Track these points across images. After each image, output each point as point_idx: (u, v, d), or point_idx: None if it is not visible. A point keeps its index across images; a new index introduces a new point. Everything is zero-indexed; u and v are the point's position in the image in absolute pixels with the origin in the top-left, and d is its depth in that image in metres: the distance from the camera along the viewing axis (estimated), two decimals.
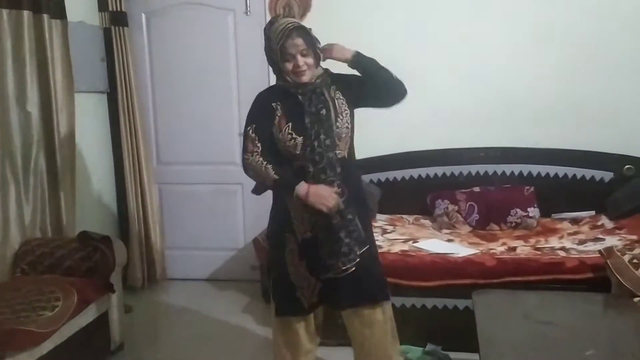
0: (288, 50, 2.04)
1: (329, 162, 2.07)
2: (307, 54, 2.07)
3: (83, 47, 3.59)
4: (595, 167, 3.57)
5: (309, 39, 2.07)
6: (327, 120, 2.08)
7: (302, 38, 2.04)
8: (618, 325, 2.13)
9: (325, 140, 2.07)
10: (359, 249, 2.12)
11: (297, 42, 2.04)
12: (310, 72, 2.09)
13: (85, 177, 3.66)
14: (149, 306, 3.78)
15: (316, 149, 2.06)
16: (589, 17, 3.54)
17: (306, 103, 2.09)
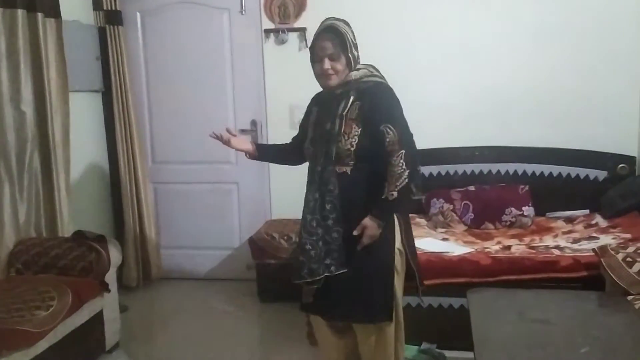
0: (316, 52, 2.04)
1: (320, 176, 2.06)
2: (336, 58, 2.02)
3: (78, 46, 3.58)
4: (589, 166, 3.58)
5: (339, 41, 2.01)
6: (328, 134, 2.06)
7: (331, 41, 2.01)
8: (612, 323, 2.14)
9: (322, 154, 2.07)
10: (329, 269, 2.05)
11: (324, 45, 2.02)
12: (337, 78, 2.04)
13: (80, 176, 3.65)
14: (144, 305, 3.77)
15: (311, 162, 2.14)
16: (582, 16, 3.55)
17: (318, 115, 2.15)
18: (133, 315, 3.55)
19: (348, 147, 2.04)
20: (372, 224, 2.04)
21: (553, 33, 3.59)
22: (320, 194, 2.07)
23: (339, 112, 2.05)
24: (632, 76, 3.54)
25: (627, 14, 3.50)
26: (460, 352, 2.62)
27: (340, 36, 2.02)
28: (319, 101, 2.23)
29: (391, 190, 2.01)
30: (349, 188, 2.08)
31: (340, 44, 2.02)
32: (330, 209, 2.06)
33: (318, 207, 2.07)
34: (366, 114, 2.04)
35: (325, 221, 2.06)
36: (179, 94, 3.98)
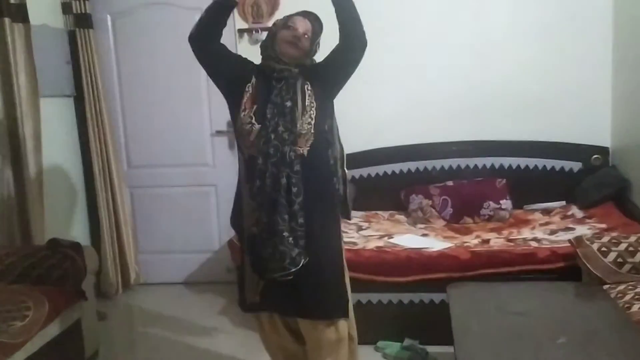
0: (295, 23, 2.07)
1: (283, 157, 1.97)
2: (308, 39, 2.07)
3: (47, 50, 3.51)
4: (564, 158, 3.63)
5: (319, 31, 2.10)
6: (290, 113, 2.00)
7: (313, 25, 2.08)
8: (588, 312, 2.17)
9: (283, 133, 1.99)
10: (302, 259, 1.99)
11: (307, 23, 2.07)
12: (298, 52, 2.06)
13: (54, 183, 3.58)
14: (123, 312, 3.73)
15: (272, 141, 1.98)
16: (554, 11, 3.59)
17: (274, 91, 2.03)
18: (112, 322, 3.50)
19: (308, 122, 2.01)
20: None
21: (526, 29, 3.63)
22: (285, 175, 1.98)
23: (298, 87, 2.04)
24: (603, 69, 3.59)
25: (597, 8, 3.55)
26: (443, 346, 2.63)
27: (320, 28, 2.11)
28: (257, 72, 2.10)
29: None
30: (310, 173, 2.04)
31: (318, 33, 2.10)
32: (297, 192, 1.99)
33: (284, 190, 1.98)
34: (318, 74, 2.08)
35: (292, 206, 1.98)
36: (153, 97, 3.94)
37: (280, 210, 1.97)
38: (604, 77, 3.60)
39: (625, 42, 3.42)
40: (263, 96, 2.04)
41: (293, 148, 1.99)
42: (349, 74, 2.10)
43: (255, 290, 2.11)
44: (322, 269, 2.08)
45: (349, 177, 3.75)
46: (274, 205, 1.98)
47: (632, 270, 2.39)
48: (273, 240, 1.99)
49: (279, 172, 1.98)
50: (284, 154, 1.98)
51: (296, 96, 2.03)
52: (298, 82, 2.05)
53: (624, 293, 2.26)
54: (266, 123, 1.99)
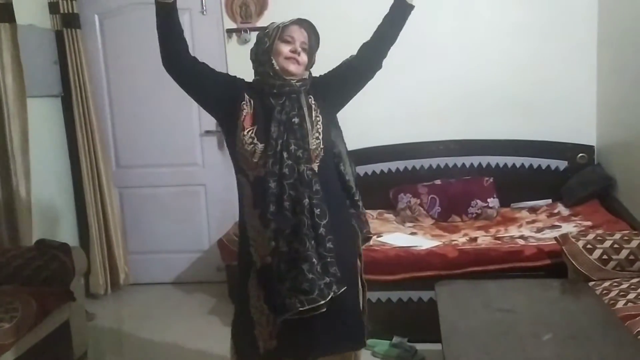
0: (291, 33, 1.88)
1: (301, 176, 1.80)
2: (307, 51, 1.92)
3: (34, 50, 3.49)
4: (550, 157, 3.67)
5: (317, 41, 1.95)
6: (299, 130, 1.83)
7: (310, 34, 1.92)
8: (574, 309, 2.20)
9: (297, 151, 1.81)
10: (331, 289, 1.77)
11: (303, 32, 1.91)
12: (299, 69, 1.89)
13: (42, 184, 3.56)
14: (112, 313, 3.71)
15: (285, 161, 1.79)
16: (540, 11, 3.63)
17: (277, 108, 1.85)
18: (101, 323, 3.49)
19: (316, 136, 1.86)
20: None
21: (513, 29, 3.66)
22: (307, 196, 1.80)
23: (302, 102, 1.88)
24: (588, 68, 3.63)
25: (582, 9, 3.59)
26: (432, 344, 2.64)
27: (318, 37, 1.96)
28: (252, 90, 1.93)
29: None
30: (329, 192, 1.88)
31: (316, 45, 1.97)
32: (320, 214, 1.80)
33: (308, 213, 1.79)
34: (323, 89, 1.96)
35: (317, 230, 1.79)
36: (142, 97, 3.93)
37: (304, 235, 1.77)
38: (589, 77, 3.64)
39: (609, 43, 3.47)
40: (263, 114, 1.86)
41: (309, 167, 1.82)
42: (360, 89, 2.03)
43: (270, 333, 1.87)
44: (351, 298, 1.93)
45: None
46: (295, 231, 1.78)
47: (617, 267, 2.43)
48: (295, 271, 1.76)
49: (298, 194, 1.79)
50: (301, 173, 1.81)
51: (302, 111, 1.86)
52: (301, 96, 1.89)
53: (609, 289, 2.30)
54: (272, 142, 1.80)
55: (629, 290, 2.25)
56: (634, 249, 2.43)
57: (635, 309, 2.08)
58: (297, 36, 1.90)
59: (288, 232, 1.78)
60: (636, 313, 2.04)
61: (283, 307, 1.77)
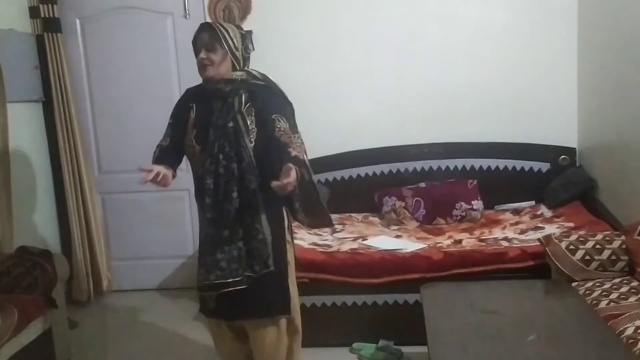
0: (196, 44, 2.08)
1: (233, 173, 2.04)
2: (212, 50, 2.05)
3: (14, 55, 3.45)
4: (533, 159, 3.71)
5: (215, 34, 2.05)
6: (234, 133, 2.05)
7: (208, 33, 2.05)
8: (557, 309, 2.22)
9: (230, 152, 2.04)
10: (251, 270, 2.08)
11: (202, 36, 2.06)
12: (213, 69, 2.05)
13: (23, 190, 3.51)
14: (96, 320, 3.67)
15: (221, 162, 2.04)
16: (521, 16, 3.67)
17: (215, 114, 2.08)
18: (84, 330, 3.44)
19: (250, 139, 2.07)
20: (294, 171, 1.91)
21: (494, 33, 3.70)
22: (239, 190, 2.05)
23: (236, 109, 2.07)
24: (569, 72, 3.68)
25: (563, 12, 3.63)
26: (418, 346, 2.65)
27: (217, 31, 2.06)
28: (198, 96, 2.17)
29: (297, 151, 1.98)
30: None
31: (216, 38, 2.05)
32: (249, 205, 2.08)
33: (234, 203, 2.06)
34: (259, 111, 2.08)
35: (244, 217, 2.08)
36: (124, 102, 3.89)
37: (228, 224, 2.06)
38: (570, 81, 3.69)
39: (590, 47, 3.51)
40: (204, 119, 2.10)
41: (241, 165, 2.05)
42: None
43: (210, 296, 2.14)
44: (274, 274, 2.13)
45: (322, 180, 3.77)
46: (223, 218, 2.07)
47: (599, 268, 2.46)
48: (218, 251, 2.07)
49: (228, 188, 2.05)
50: (233, 170, 2.05)
51: (237, 116, 2.06)
52: (235, 101, 2.08)
53: (592, 290, 2.33)
54: (209, 146, 2.06)
55: (612, 290, 2.28)
56: (615, 249, 2.47)
57: (617, 308, 2.11)
58: (198, 44, 2.08)
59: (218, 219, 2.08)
60: (618, 313, 2.07)
61: (200, 277, 2.10)
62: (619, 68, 3.09)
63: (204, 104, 2.12)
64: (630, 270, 2.43)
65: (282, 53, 3.74)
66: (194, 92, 2.22)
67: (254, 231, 2.07)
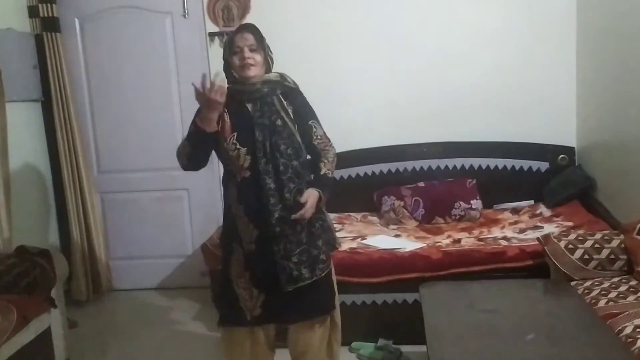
0: (236, 43, 2.07)
1: (296, 170, 2.07)
2: (256, 50, 2.07)
3: (13, 54, 3.45)
4: (532, 158, 3.71)
5: (260, 37, 2.09)
6: (284, 130, 2.08)
7: (253, 34, 2.07)
8: (556, 308, 2.22)
9: (287, 149, 2.06)
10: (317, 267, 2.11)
11: (246, 37, 2.07)
12: (256, 69, 2.08)
13: (22, 189, 3.51)
14: (95, 320, 3.66)
15: (279, 159, 2.04)
16: (520, 15, 3.67)
17: (256, 114, 2.07)
18: (83, 330, 3.44)
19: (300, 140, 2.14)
20: (315, 194, 2.07)
21: (493, 32, 3.70)
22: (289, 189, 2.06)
23: (278, 107, 2.11)
24: (568, 71, 3.68)
25: (561, 12, 3.63)
26: (416, 346, 2.66)
27: (260, 33, 2.10)
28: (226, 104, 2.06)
29: (328, 168, 2.15)
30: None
31: (260, 39, 2.09)
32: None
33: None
34: (297, 111, 2.16)
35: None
36: (123, 101, 3.89)
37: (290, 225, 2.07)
38: (568, 80, 3.69)
39: (588, 45, 3.52)
40: (242, 121, 2.08)
41: (300, 160, 2.11)
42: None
43: (255, 303, 2.14)
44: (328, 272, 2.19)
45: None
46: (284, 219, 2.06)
47: (598, 267, 2.46)
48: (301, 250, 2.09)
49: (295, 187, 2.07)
50: (295, 167, 2.08)
51: (281, 113, 2.10)
52: (275, 100, 2.11)
53: (591, 289, 2.33)
54: (258, 145, 2.04)
55: (610, 290, 2.28)
56: (614, 248, 2.47)
57: (616, 307, 2.11)
58: (242, 44, 2.07)
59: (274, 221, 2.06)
60: (617, 312, 2.07)
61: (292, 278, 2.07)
62: (617, 67, 3.09)
63: (238, 106, 2.10)
64: (629, 269, 2.43)
65: (281, 52, 3.67)
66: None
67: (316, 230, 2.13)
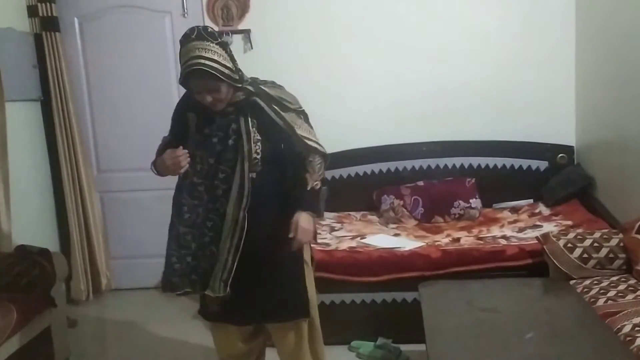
0: (194, 88, 1.95)
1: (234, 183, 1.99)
2: (214, 89, 1.93)
3: (13, 54, 3.44)
4: (531, 157, 3.71)
5: (212, 76, 1.88)
6: (233, 146, 2.00)
7: (204, 80, 1.89)
8: (555, 307, 2.23)
9: (217, 171, 2.01)
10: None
11: (199, 84, 1.93)
12: (224, 102, 1.98)
13: (21, 189, 3.50)
14: (94, 319, 3.67)
15: (219, 174, 2.01)
16: (518, 14, 3.67)
17: (216, 130, 2.01)
18: (83, 329, 3.45)
19: (254, 155, 2.01)
20: (306, 217, 2.00)
21: (492, 31, 3.70)
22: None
23: (241, 129, 2.00)
24: (567, 70, 3.68)
25: (560, 11, 3.64)
26: (416, 345, 2.66)
27: (209, 74, 1.88)
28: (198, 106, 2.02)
29: (315, 180, 2.05)
30: (257, 191, 2.03)
31: (213, 79, 1.90)
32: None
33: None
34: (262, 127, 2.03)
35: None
36: (123, 100, 3.89)
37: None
38: (567, 78, 3.69)
39: (587, 44, 3.52)
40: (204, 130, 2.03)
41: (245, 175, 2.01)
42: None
43: (215, 300, 2.08)
44: (279, 272, 2.11)
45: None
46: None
47: (597, 266, 2.46)
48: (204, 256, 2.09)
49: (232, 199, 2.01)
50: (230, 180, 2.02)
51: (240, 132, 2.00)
52: (240, 121, 2.01)
53: (590, 288, 2.33)
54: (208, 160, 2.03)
55: (609, 288, 2.29)
56: (613, 247, 2.47)
57: (615, 306, 2.12)
58: (198, 89, 1.94)
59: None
60: (616, 310, 2.07)
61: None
62: (616, 66, 3.09)
63: (206, 115, 2.02)
64: (628, 268, 2.44)
65: (280, 52, 3.75)
66: (185, 102, 2.13)
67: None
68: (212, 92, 1.93)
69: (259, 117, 2.03)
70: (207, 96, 1.94)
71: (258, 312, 2.12)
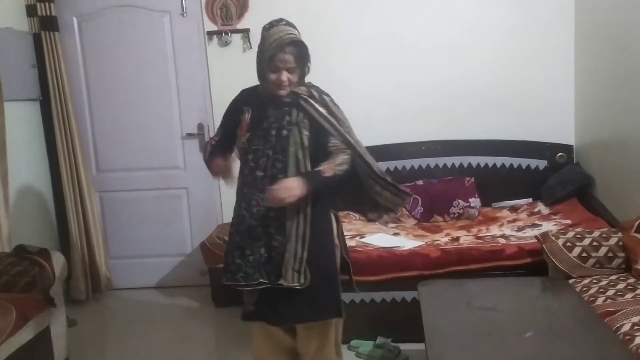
0: (276, 63, 2.01)
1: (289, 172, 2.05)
2: (293, 71, 2.04)
3: (11, 53, 3.45)
4: (530, 156, 3.72)
5: (301, 55, 2.04)
6: (288, 136, 2.06)
7: (294, 55, 2.01)
8: (555, 306, 2.22)
9: (275, 161, 2.06)
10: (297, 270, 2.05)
11: (287, 58, 2.01)
12: (289, 89, 2.07)
13: (20, 189, 3.51)
14: (94, 318, 3.67)
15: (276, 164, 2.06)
16: (517, 11, 3.67)
17: (272, 122, 2.08)
18: (82, 329, 3.44)
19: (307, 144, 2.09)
20: (298, 181, 1.99)
21: (491, 30, 3.71)
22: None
23: (294, 121, 2.08)
24: (566, 69, 3.69)
25: (560, 10, 3.64)
26: (415, 344, 2.65)
27: (303, 51, 2.05)
28: (254, 100, 2.15)
29: (326, 167, 2.05)
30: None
31: (302, 58, 2.05)
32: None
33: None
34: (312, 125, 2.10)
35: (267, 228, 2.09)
36: (122, 100, 3.89)
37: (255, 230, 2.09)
38: (567, 77, 3.70)
39: (587, 43, 3.52)
40: (260, 124, 2.09)
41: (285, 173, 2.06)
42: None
43: (249, 299, 2.14)
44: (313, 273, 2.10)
45: None
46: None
47: (596, 265, 2.46)
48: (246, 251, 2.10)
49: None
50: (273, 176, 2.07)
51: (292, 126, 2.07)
52: (294, 113, 2.09)
53: (589, 287, 2.33)
54: (260, 152, 2.07)
55: (608, 287, 2.29)
56: (612, 246, 2.48)
57: (614, 305, 2.12)
58: (281, 65, 2.02)
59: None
60: (615, 309, 2.07)
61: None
62: (615, 65, 3.09)
63: (261, 109, 2.11)
64: (627, 267, 2.44)
65: None
66: (249, 94, 2.21)
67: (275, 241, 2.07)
68: (291, 71, 2.03)
69: (309, 114, 2.11)
70: (284, 74, 2.02)
71: (290, 312, 2.12)
